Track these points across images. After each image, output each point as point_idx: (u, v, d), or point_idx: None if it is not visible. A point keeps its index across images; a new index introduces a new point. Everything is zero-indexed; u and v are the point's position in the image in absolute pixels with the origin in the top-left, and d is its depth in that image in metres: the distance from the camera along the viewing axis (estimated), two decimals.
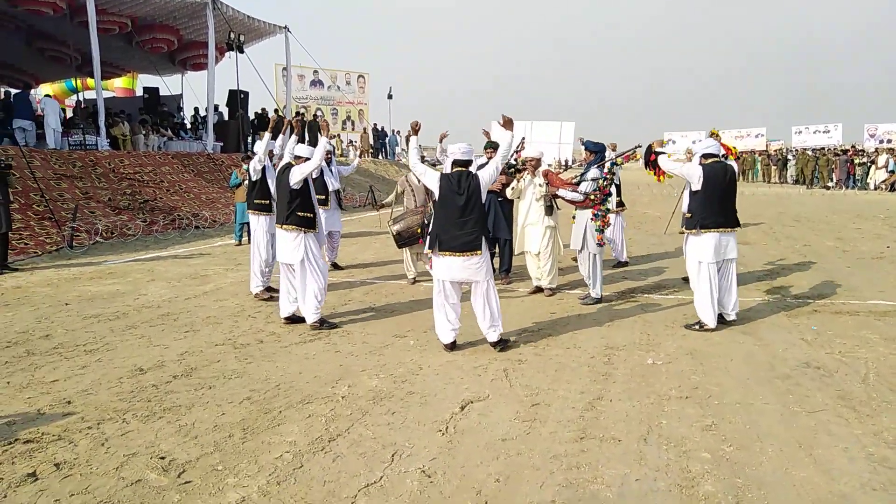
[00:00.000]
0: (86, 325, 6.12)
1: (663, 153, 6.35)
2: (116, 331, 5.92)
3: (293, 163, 6.13)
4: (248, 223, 11.30)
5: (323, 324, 6.02)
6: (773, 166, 34.16)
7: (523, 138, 8.45)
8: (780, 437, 3.67)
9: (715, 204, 5.84)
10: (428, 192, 7.57)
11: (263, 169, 7.27)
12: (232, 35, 18.77)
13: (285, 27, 22.21)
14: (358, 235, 12.78)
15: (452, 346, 5.34)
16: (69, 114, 19.49)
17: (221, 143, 19.86)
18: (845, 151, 29.88)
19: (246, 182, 11.13)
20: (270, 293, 7.16)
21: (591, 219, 6.63)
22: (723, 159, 6.15)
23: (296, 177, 5.91)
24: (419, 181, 7.53)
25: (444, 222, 5.16)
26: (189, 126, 21.60)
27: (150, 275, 8.60)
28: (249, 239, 8.02)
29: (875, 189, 25.64)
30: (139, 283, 8.02)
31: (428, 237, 5.45)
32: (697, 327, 5.95)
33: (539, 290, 7.42)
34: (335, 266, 9.19)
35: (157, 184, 14.76)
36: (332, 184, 8.83)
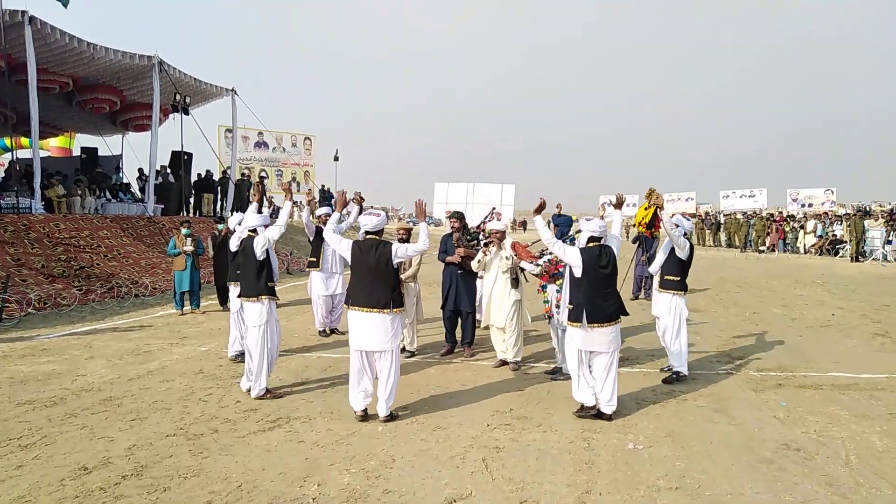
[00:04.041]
0: (19, 413, 5.58)
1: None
2: (55, 420, 5.40)
3: (377, 237, 5.50)
4: (188, 291, 10.85)
5: (394, 417, 5.51)
6: (706, 230, 35.37)
7: (493, 209, 8.45)
8: None
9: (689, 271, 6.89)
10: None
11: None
12: (178, 97, 18.47)
13: (232, 90, 22.02)
14: (307, 303, 12.37)
15: (593, 409, 5.46)
16: (1, 174, 18.65)
17: (162, 206, 19.27)
18: (771, 216, 31.22)
19: (187, 249, 10.71)
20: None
21: (538, 290, 6.72)
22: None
23: (401, 255, 5.40)
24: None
25: (593, 295, 5.38)
26: (137, 187, 20.90)
27: (88, 351, 8.03)
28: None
29: (805, 253, 26.74)
30: (77, 362, 7.46)
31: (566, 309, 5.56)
32: (675, 377, 6.68)
33: (504, 363, 7.25)
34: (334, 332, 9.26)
35: (95, 249, 14.08)
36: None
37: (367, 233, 5.53)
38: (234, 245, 7.16)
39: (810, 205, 38.06)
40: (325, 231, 5.94)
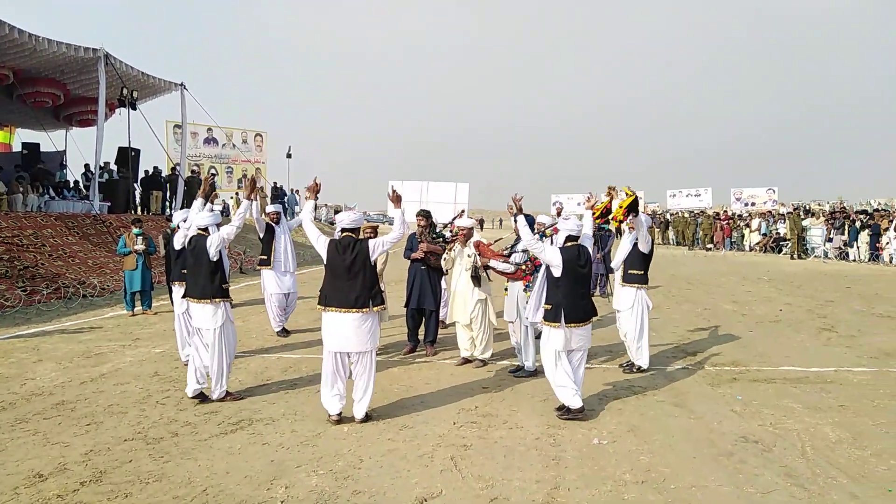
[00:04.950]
0: None
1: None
2: (4, 426, 5.17)
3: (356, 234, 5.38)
4: (139, 291, 10.55)
5: (370, 417, 5.38)
6: (655, 228, 36.11)
7: (462, 211, 8.44)
8: None
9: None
10: None
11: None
12: (125, 91, 17.92)
13: (181, 84, 21.52)
14: (262, 302, 12.15)
15: (581, 410, 5.39)
16: None
17: (109, 203, 18.68)
18: (717, 214, 32.15)
19: (138, 248, 10.42)
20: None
21: (524, 290, 6.64)
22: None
23: (379, 249, 5.28)
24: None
25: (571, 294, 5.38)
26: (82, 184, 20.17)
27: (35, 354, 7.73)
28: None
29: (750, 250, 27.58)
30: (25, 365, 7.17)
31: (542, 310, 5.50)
32: (636, 370, 6.92)
33: (466, 361, 7.26)
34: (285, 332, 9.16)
35: (39, 248, 13.56)
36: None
37: (343, 230, 5.36)
38: (178, 243, 6.89)
39: (753, 203, 39.18)
40: (304, 222, 5.68)
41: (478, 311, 7.01)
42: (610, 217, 6.79)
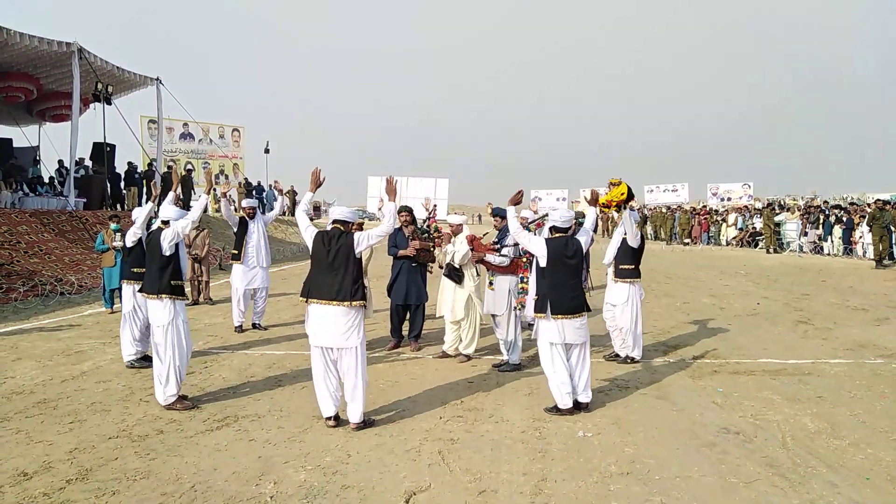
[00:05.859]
0: None
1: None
2: None
3: (348, 227, 5.27)
4: (118, 288, 10.41)
5: (367, 423, 5.17)
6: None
7: (435, 206, 8.45)
8: None
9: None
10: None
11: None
12: (99, 86, 17.65)
13: (157, 79, 21.25)
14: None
15: (570, 412, 5.40)
16: None
17: (85, 200, 18.40)
18: (694, 209, 32.52)
19: (116, 245, 10.29)
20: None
21: (522, 282, 6.63)
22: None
23: (364, 243, 5.15)
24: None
25: (557, 286, 5.38)
26: (57, 181, 19.82)
27: (14, 352, 7.62)
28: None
29: (727, 245, 27.92)
30: (3, 364, 7.07)
31: (533, 301, 5.50)
32: (629, 361, 7.10)
33: (445, 355, 7.29)
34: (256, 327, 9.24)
35: (14, 245, 13.34)
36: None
37: (335, 221, 5.25)
38: (129, 240, 6.74)
39: (729, 199, 39.65)
40: (297, 211, 5.59)
41: (466, 307, 7.03)
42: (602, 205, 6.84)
